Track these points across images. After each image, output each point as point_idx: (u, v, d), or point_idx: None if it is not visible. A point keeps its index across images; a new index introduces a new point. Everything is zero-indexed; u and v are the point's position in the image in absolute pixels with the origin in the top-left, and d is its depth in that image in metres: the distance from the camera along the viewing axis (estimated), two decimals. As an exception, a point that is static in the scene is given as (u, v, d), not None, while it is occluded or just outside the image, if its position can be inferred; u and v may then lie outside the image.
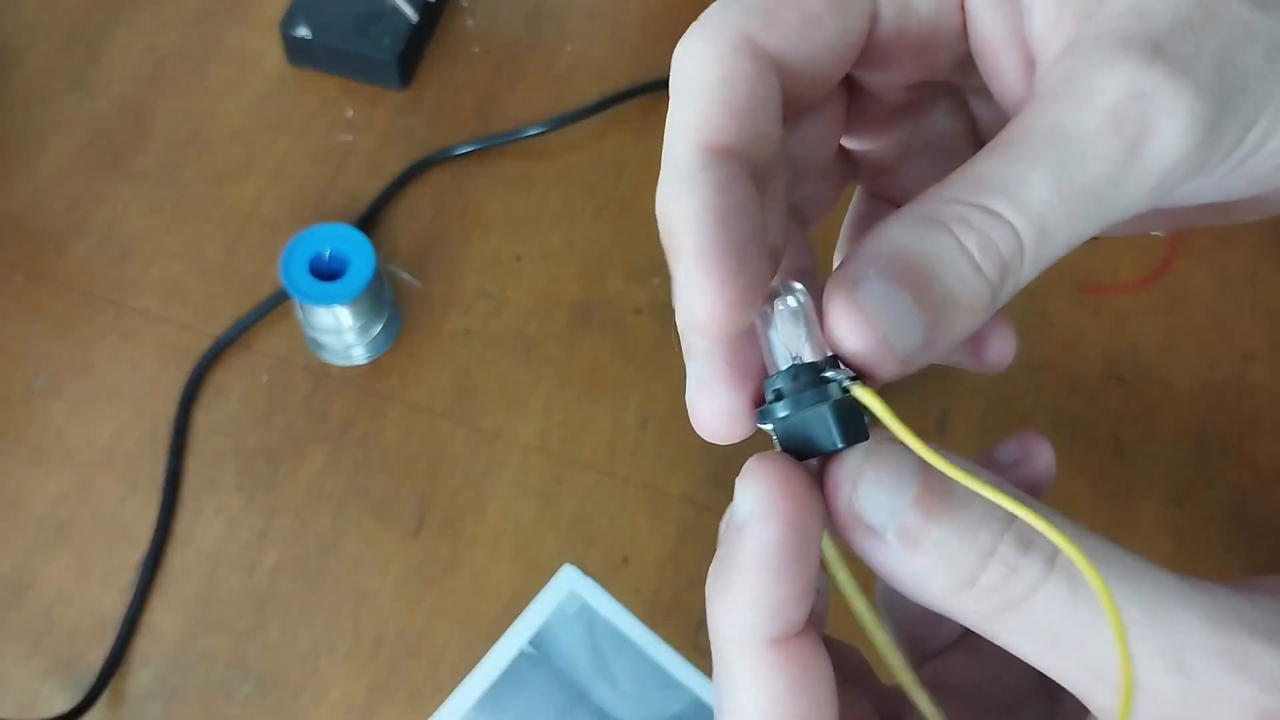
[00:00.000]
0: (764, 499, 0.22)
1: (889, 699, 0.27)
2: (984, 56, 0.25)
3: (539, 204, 0.63)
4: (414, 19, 0.65)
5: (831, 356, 0.22)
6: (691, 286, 0.21)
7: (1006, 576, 0.21)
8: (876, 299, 0.21)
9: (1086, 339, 0.59)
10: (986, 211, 0.21)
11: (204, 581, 0.53)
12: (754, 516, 0.22)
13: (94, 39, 0.68)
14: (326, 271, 0.56)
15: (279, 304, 0.59)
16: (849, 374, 0.22)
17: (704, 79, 0.23)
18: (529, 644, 0.52)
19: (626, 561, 0.54)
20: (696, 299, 0.21)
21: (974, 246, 0.21)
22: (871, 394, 0.22)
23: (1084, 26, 0.23)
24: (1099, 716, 0.22)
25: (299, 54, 0.66)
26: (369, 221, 0.62)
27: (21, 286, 0.60)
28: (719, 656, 0.23)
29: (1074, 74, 0.22)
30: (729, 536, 0.22)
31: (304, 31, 0.65)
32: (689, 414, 0.23)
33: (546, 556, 0.54)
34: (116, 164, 0.64)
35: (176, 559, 0.54)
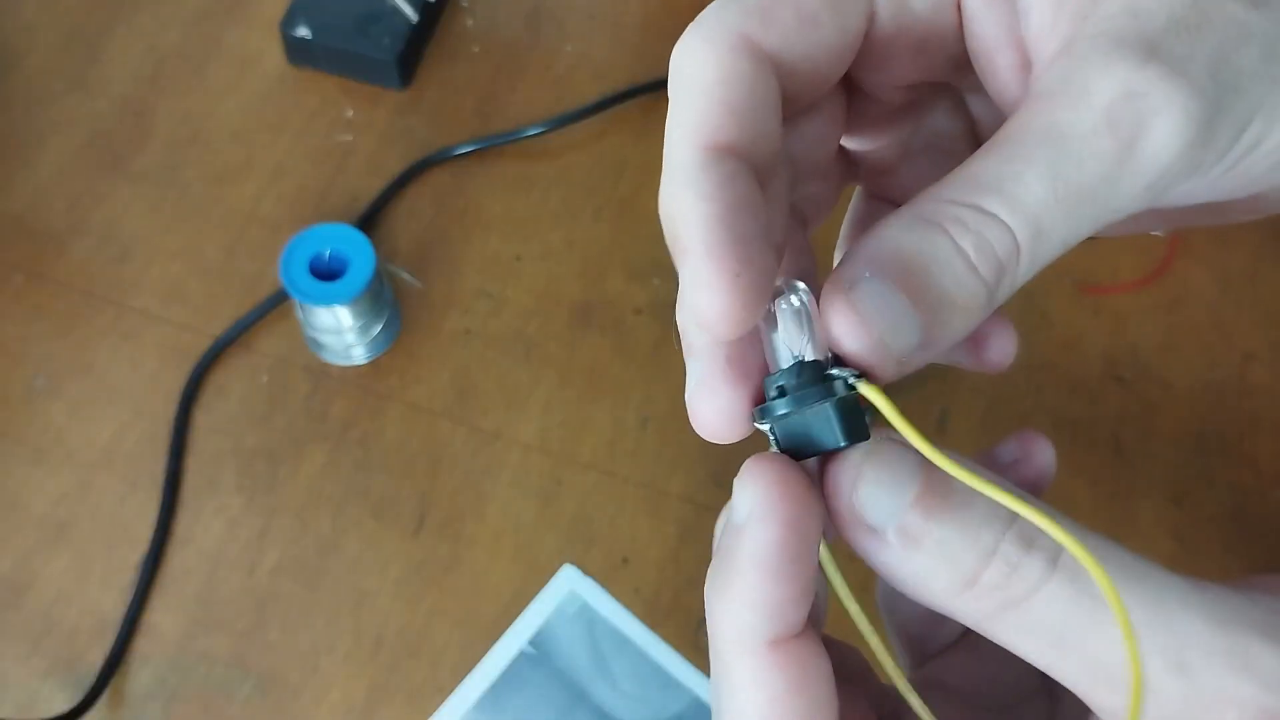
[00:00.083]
0: (762, 499, 0.22)
1: (889, 699, 0.27)
2: (980, 56, 0.25)
3: (539, 204, 0.63)
4: (414, 19, 0.65)
5: (834, 356, 0.22)
6: (699, 285, 0.21)
7: (1008, 575, 0.21)
8: (872, 300, 0.21)
9: (1086, 339, 0.59)
10: (982, 212, 0.21)
11: (204, 581, 0.53)
12: (752, 517, 0.22)
13: (94, 39, 0.68)
14: (326, 271, 0.56)
15: (279, 304, 0.59)
16: (854, 371, 0.22)
17: (703, 79, 0.23)
18: (529, 644, 0.52)
19: (626, 561, 0.54)
20: (704, 298, 0.21)
21: (969, 247, 0.21)
22: (877, 391, 0.22)
23: (1080, 27, 0.23)
24: (1100, 716, 0.22)
25: (299, 54, 0.66)
26: (369, 221, 0.62)
27: (21, 286, 0.60)
28: (717, 657, 0.23)
29: (1069, 74, 0.22)
30: (728, 537, 0.22)
31: (304, 31, 0.65)
32: (689, 413, 0.23)
33: (546, 556, 0.54)
34: (116, 164, 0.64)
35: (176, 559, 0.54)
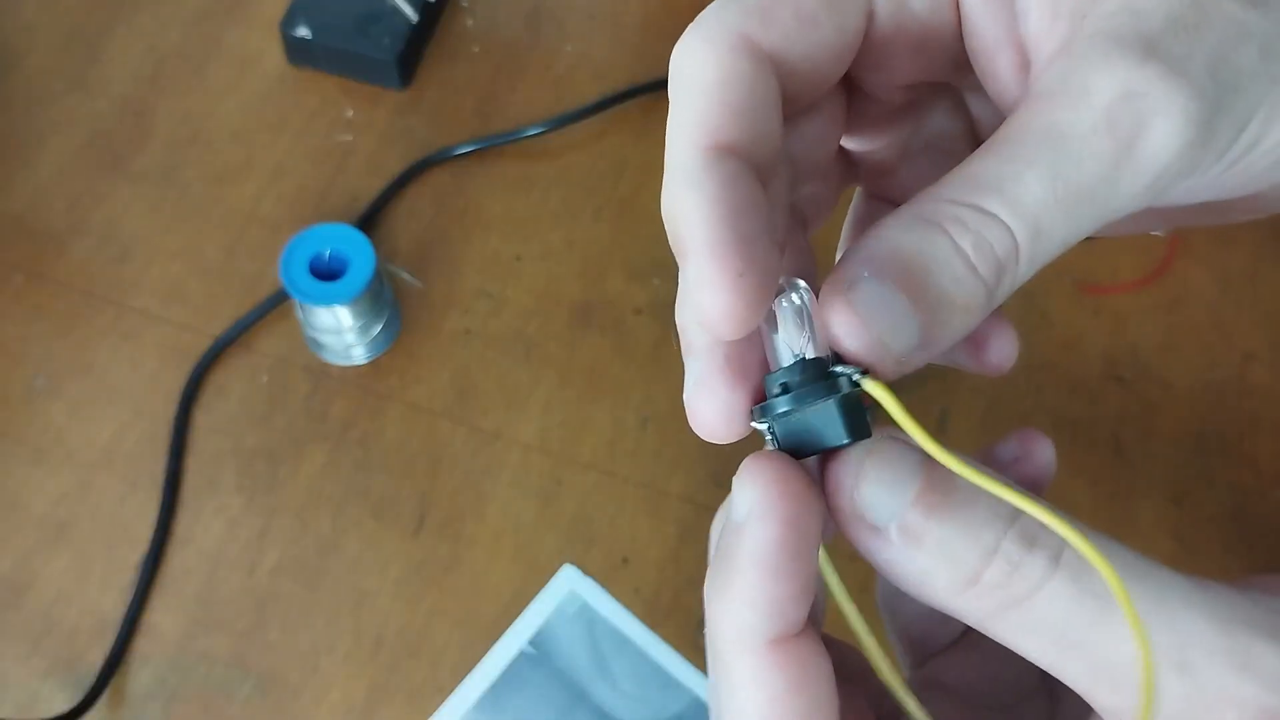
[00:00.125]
0: (762, 497, 0.22)
1: (888, 698, 0.27)
2: (979, 56, 0.25)
3: (539, 204, 0.63)
4: (414, 19, 0.65)
5: (835, 354, 0.22)
6: (702, 285, 0.21)
7: (1010, 574, 0.21)
8: (871, 300, 0.21)
9: (1086, 339, 0.59)
10: (981, 211, 0.21)
11: (204, 581, 0.53)
12: (752, 515, 0.21)
13: (94, 39, 0.68)
14: (326, 271, 0.56)
15: (279, 304, 0.59)
16: (857, 369, 0.22)
17: (703, 79, 0.23)
18: (529, 644, 0.52)
19: (626, 561, 0.54)
20: (708, 297, 0.21)
21: (969, 246, 0.21)
22: (882, 387, 0.22)
23: (1078, 26, 0.23)
24: (1102, 715, 0.22)
25: (299, 54, 0.66)
26: (369, 221, 0.62)
27: (21, 286, 0.60)
28: (717, 656, 0.23)
29: (1068, 73, 0.22)
30: (727, 535, 0.22)
31: (304, 31, 0.65)
32: (687, 413, 0.23)
33: (546, 556, 0.54)
34: (116, 164, 0.64)
35: (176, 559, 0.54)
